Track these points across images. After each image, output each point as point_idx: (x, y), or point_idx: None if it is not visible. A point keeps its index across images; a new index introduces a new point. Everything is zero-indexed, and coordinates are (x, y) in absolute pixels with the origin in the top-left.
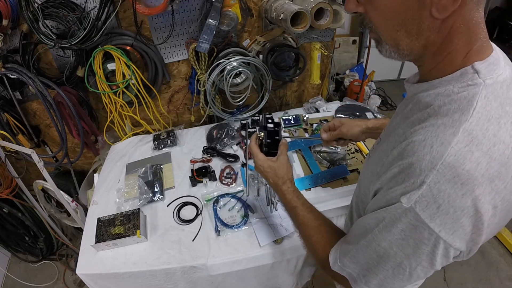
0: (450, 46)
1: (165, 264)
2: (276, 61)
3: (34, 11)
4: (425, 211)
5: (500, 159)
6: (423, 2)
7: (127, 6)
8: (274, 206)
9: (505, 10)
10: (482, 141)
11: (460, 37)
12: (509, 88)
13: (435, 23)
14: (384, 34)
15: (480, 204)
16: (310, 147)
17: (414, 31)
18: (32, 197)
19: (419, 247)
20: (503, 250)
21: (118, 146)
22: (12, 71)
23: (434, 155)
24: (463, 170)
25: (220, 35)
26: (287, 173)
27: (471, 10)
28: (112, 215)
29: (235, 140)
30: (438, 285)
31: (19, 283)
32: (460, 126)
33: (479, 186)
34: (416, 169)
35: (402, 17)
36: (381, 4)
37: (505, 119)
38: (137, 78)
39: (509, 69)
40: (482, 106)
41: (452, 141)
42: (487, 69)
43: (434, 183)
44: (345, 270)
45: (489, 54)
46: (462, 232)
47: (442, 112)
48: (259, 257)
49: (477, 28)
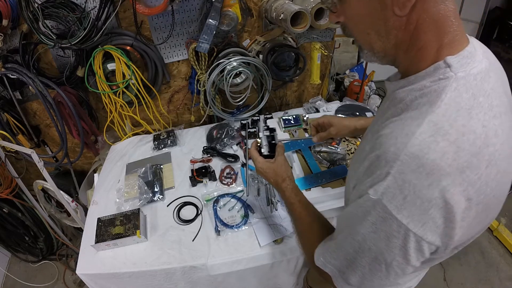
0: (419, 42)
1: (165, 264)
2: (276, 61)
3: (34, 11)
4: (391, 202)
5: (470, 149)
6: (384, 3)
7: (127, 6)
8: (274, 206)
9: (505, 10)
10: (449, 131)
11: (427, 31)
12: (483, 80)
13: (400, 21)
14: (359, 39)
15: (449, 195)
16: (310, 147)
17: (382, 31)
18: (32, 197)
19: (390, 241)
20: (503, 250)
21: (118, 146)
22: (12, 71)
23: (398, 146)
24: (428, 159)
25: (220, 35)
26: (286, 171)
27: (435, 4)
28: (112, 215)
29: (235, 140)
30: (438, 285)
31: (19, 283)
32: (425, 118)
33: (447, 176)
34: (382, 161)
35: (369, 20)
36: (350, 11)
37: (477, 110)
38: (137, 78)
39: (486, 62)
40: (452, 97)
41: (416, 131)
42: (460, 62)
43: (399, 174)
44: (327, 266)
45: (463, 47)
46: (432, 224)
47: (413, 106)
48: (259, 257)
49: (446, 21)
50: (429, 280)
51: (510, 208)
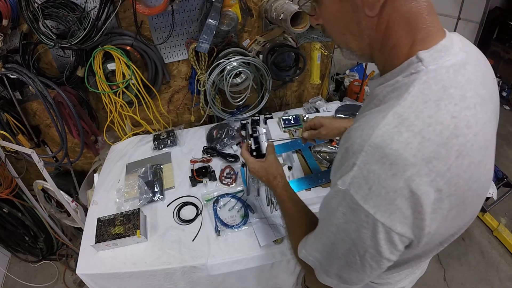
0: (391, 40)
1: (165, 264)
2: (276, 61)
3: (34, 11)
4: (358, 192)
5: (436, 140)
6: (355, 4)
7: (127, 6)
8: (274, 206)
9: (505, 10)
10: (414, 122)
11: (399, 29)
12: (457, 72)
13: (372, 21)
14: (336, 40)
15: (415, 185)
16: (310, 147)
17: (356, 32)
18: (32, 197)
19: (360, 231)
20: (503, 250)
21: (118, 146)
22: (12, 71)
23: (364, 138)
24: (391, 150)
25: (220, 35)
26: (277, 169)
27: (406, 2)
28: (112, 215)
29: (235, 140)
30: (438, 285)
31: (19, 283)
32: (391, 110)
33: (412, 167)
34: (349, 153)
35: (343, 22)
36: (325, 14)
37: (447, 101)
38: (137, 78)
39: (463, 55)
40: (420, 90)
41: (381, 123)
42: (432, 56)
43: (363, 164)
44: (309, 259)
45: (437, 41)
46: (400, 215)
47: (384, 100)
48: (259, 257)
49: (418, 18)
50: (429, 280)
51: (510, 208)
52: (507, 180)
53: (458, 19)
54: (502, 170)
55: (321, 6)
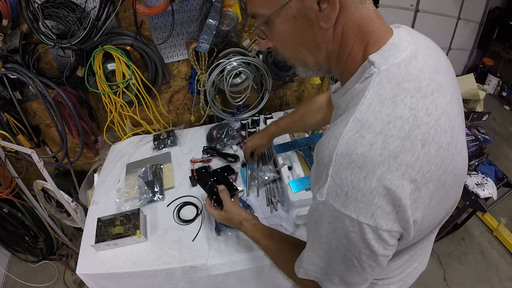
0: (347, 49)
1: (165, 264)
2: (276, 61)
3: (34, 11)
4: (337, 200)
5: (399, 134)
6: (310, 19)
7: (127, 6)
8: (274, 206)
9: (505, 10)
10: (374, 123)
11: (353, 36)
12: (409, 66)
13: (328, 33)
14: (292, 59)
15: (388, 182)
16: (310, 147)
17: (313, 47)
18: (32, 197)
19: (349, 236)
20: (503, 250)
21: (118, 146)
22: (12, 71)
23: (331, 149)
24: (356, 154)
25: (220, 35)
26: (238, 214)
27: (356, 10)
28: (112, 215)
29: (235, 140)
30: (438, 285)
31: (19, 283)
32: (351, 117)
33: (380, 165)
34: (321, 165)
35: (298, 39)
36: (278, 34)
37: (402, 96)
38: (137, 78)
39: (412, 48)
40: (374, 91)
41: (343, 131)
42: (382, 57)
43: (335, 174)
44: (309, 275)
45: (386, 41)
46: (382, 212)
47: (346, 109)
48: (259, 257)
49: (369, 22)
50: (429, 280)
51: (510, 208)
52: (507, 180)
53: (458, 19)
54: (502, 170)
55: (273, 27)
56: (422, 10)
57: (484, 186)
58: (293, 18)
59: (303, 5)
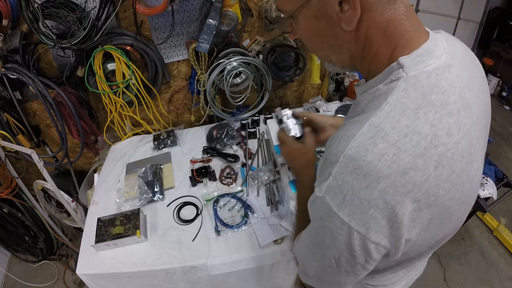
0: (371, 50)
1: (165, 264)
2: (276, 61)
3: (34, 11)
4: (333, 200)
5: (413, 151)
6: (332, 20)
7: (127, 6)
8: (274, 206)
9: (505, 10)
10: (389, 133)
11: (378, 39)
12: (440, 76)
13: (350, 35)
14: (316, 53)
15: (389, 196)
16: None
17: (335, 46)
18: (32, 197)
19: (335, 237)
20: (503, 250)
21: (118, 146)
22: (12, 71)
23: (340, 149)
24: (364, 161)
25: (220, 35)
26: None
27: (383, 11)
28: (112, 215)
29: (235, 140)
30: (438, 285)
31: (19, 283)
32: (367, 121)
33: (386, 178)
34: (327, 162)
35: (320, 37)
36: (302, 31)
37: (426, 109)
38: (137, 78)
39: (447, 57)
40: (397, 98)
41: (356, 134)
42: (413, 61)
43: (338, 174)
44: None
45: (419, 45)
46: (375, 224)
47: (366, 109)
48: (259, 257)
49: (398, 25)
50: (429, 280)
51: (510, 208)
52: (507, 180)
53: (458, 19)
54: (502, 170)
55: (297, 23)
56: (422, 10)
57: (484, 186)
58: (314, 17)
59: (324, 4)
